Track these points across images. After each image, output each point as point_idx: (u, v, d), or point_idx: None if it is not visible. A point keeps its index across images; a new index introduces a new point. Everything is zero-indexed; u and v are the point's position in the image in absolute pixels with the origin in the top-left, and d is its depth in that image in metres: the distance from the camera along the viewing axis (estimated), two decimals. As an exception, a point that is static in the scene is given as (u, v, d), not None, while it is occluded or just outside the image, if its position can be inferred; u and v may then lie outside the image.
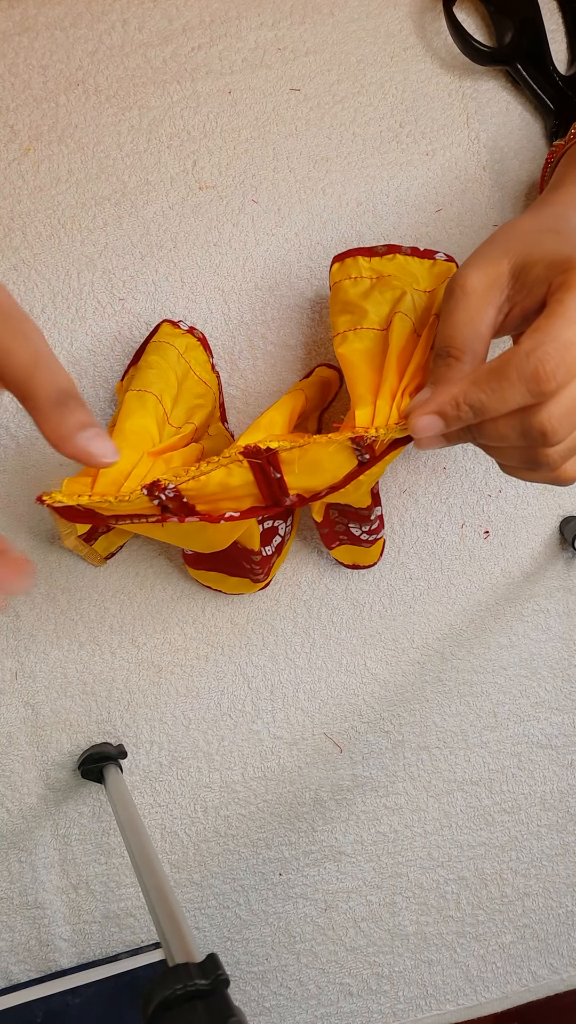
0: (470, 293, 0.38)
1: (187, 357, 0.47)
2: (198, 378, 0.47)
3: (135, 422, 0.42)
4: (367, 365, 0.42)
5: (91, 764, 0.49)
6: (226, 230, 0.51)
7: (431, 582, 0.52)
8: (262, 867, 0.53)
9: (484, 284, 0.38)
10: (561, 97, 0.51)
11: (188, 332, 0.49)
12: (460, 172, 0.52)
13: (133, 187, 0.51)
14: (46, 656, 0.51)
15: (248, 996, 0.53)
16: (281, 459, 0.37)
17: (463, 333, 0.38)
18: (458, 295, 0.38)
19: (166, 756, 0.52)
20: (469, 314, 0.38)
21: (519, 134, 0.53)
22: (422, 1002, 0.54)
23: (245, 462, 0.37)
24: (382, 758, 0.53)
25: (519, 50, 0.51)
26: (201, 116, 0.51)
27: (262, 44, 0.52)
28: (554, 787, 0.54)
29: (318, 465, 0.38)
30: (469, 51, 0.51)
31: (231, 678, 0.52)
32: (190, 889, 0.52)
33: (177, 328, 0.48)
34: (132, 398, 0.43)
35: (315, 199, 0.52)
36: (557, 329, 0.34)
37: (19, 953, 0.52)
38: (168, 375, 0.45)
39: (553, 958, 0.55)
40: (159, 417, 0.43)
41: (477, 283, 0.38)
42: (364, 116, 0.52)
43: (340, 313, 0.45)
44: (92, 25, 0.51)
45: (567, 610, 0.53)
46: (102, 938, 0.52)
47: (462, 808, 0.54)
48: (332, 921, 0.53)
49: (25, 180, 0.51)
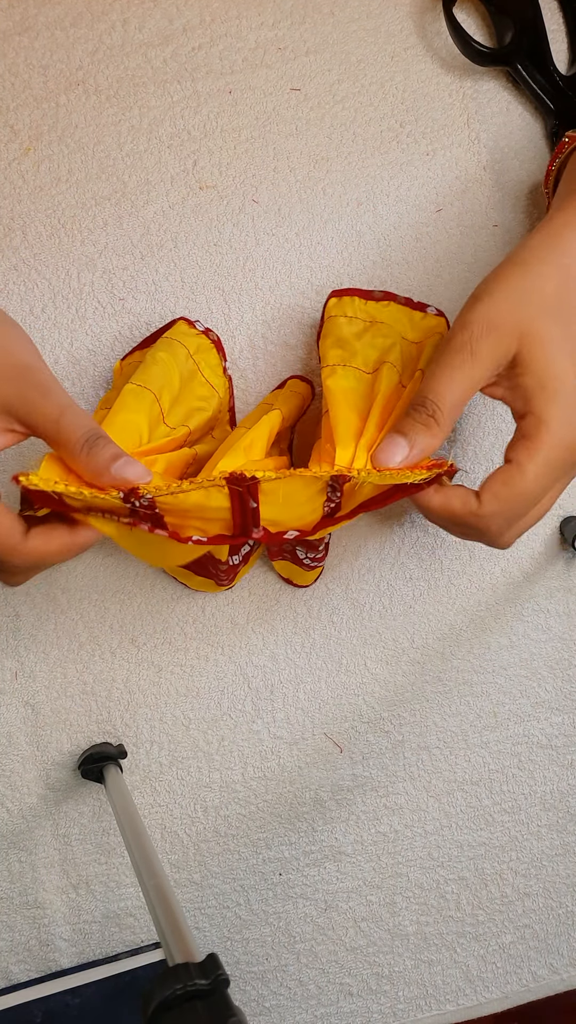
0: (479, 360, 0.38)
1: (197, 358, 0.47)
2: (205, 380, 0.47)
3: (126, 417, 0.41)
4: (350, 407, 0.43)
5: (91, 764, 0.49)
6: (226, 230, 0.51)
7: (431, 582, 0.52)
8: (262, 867, 0.53)
9: (493, 358, 0.38)
10: (561, 97, 0.51)
11: (203, 333, 0.48)
12: (460, 172, 0.52)
13: (133, 187, 0.51)
14: (46, 656, 0.51)
15: (248, 996, 0.53)
16: (261, 488, 0.37)
17: (454, 396, 0.38)
18: (466, 356, 0.38)
19: (166, 756, 0.52)
20: (471, 381, 0.38)
21: (520, 134, 0.53)
22: (422, 1002, 0.54)
23: (226, 487, 0.37)
24: (382, 758, 0.53)
25: (519, 50, 0.51)
26: (201, 116, 0.51)
27: (262, 44, 0.52)
28: (554, 787, 0.54)
29: (292, 498, 0.38)
30: (469, 52, 0.51)
31: (231, 678, 0.52)
32: (190, 889, 0.52)
33: (193, 328, 0.48)
34: (129, 392, 0.42)
35: (315, 199, 0.52)
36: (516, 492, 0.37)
37: (19, 953, 0.52)
38: (172, 374, 0.45)
39: (553, 958, 0.55)
40: (153, 416, 0.43)
41: (488, 354, 0.38)
42: (364, 116, 0.52)
43: (332, 347, 0.46)
44: (92, 25, 0.51)
45: (567, 610, 0.53)
46: (102, 938, 0.52)
47: (462, 808, 0.54)
48: (332, 921, 0.53)
49: (25, 180, 0.51)
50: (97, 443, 0.37)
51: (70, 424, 0.37)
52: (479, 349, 0.37)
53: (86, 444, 0.36)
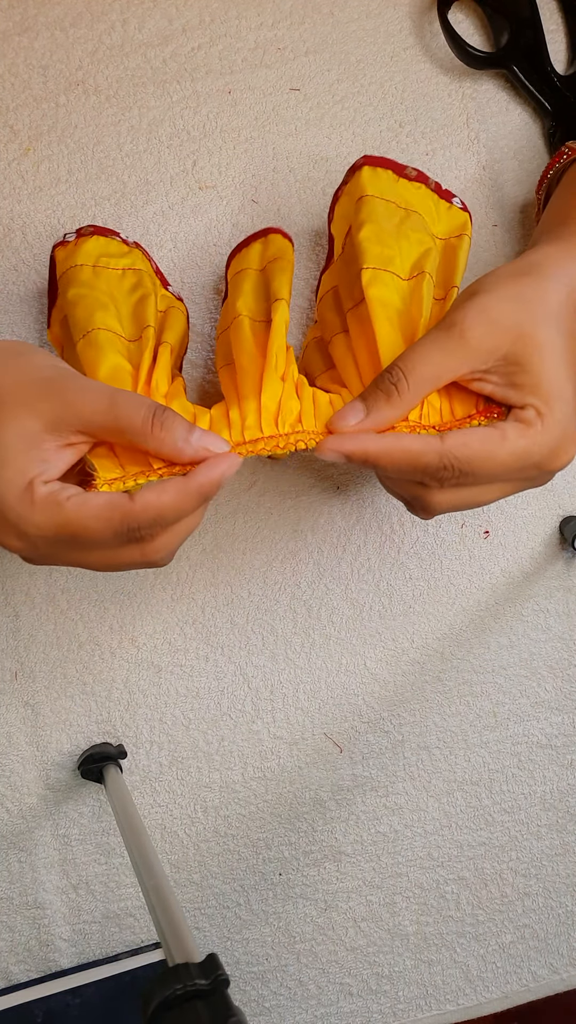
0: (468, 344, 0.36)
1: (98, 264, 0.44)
2: (120, 271, 0.44)
3: (105, 367, 0.40)
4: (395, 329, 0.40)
5: (91, 764, 0.49)
6: (226, 230, 0.51)
7: (431, 582, 0.52)
8: (262, 867, 0.53)
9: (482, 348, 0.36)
10: (559, 98, 0.51)
11: (79, 239, 0.45)
12: (460, 172, 0.52)
13: (133, 187, 0.51)
14: (46, 656, 0.51)
15: (248, 996, 0.53)
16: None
17: (425, 370, 0.36)
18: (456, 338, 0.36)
19: (166, 756, 0.52)
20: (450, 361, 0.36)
21: (519, 134, 0.53)
22: (422, 1002, 0.54)
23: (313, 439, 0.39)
24: (382, 758, 0.53)
25: (516, 52, 0.51)
26: (201, 116, 0.51)
27: (262, 44, 0.52)
28: (554, 787, 0.54)
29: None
30: (464, 56, 0.51)
31: (231, 678, 0.52)
32: (190, 889, 0.52)
33: (67, 245, 0.45)
34: (84, 347, 0.40)
35: (315, 199, 0.52)
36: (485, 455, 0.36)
37: (19, 953, 0.52)
38: (95, 298, 0.42)
39: (553, 958, 0.55)
40: (120, 347, 0.41)
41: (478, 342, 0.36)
42: (364, 116, 0.52)
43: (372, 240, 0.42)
44: (92, 25, 0.51)
45: (567, 610, 0.53)
46: (102, 938, 0.52)
47: (462, 808, 0.54)
48: (332, 921, 0.53)
49: (25, 180, 0.51)
50: (165, 418, 0.35)
51: (126, 406, 0.35)
52: (470, 334, 0.36)
53: (154, 422, 0.35)
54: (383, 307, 0.41)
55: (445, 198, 0.45)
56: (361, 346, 0.42)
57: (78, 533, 0.34)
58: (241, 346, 0.42)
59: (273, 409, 0.39)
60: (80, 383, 0.36)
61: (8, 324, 0.50)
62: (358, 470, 0.51)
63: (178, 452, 0.35)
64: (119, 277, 0.44)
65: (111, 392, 0.35)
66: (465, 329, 0.36)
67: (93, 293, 0.42)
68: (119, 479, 0.37)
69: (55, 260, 0.46)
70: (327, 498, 0.52)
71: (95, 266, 0.44)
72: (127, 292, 0.44)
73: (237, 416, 0.40)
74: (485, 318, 0.36)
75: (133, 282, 0.44)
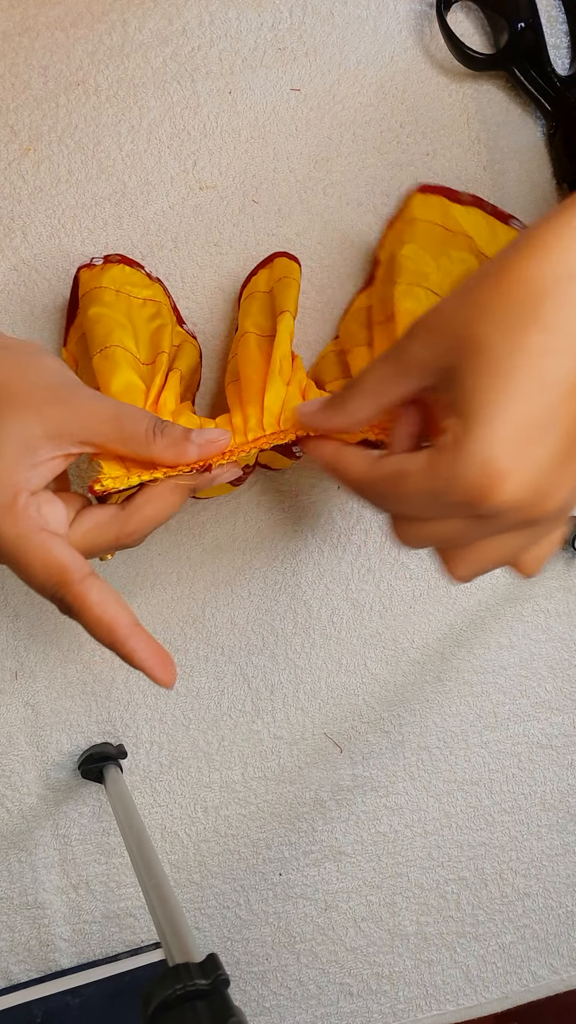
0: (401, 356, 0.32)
1: (121, 290, 0.45)
2: (142, 301, 0.45)
3: (118, 381, 0.40)
4: None
5: (91, 764, 0.49)
6: (226, 230, 0.51)
7: (431, 582, 0.52)
8: (262, 867, 0.53)
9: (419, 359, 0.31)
10: (559, 99, 0.51)
11: (105, 264, 0.46)
12: (460, 172, 0.52)
13: (133, 187, 0.51)
14: (46, 656, 0.51)
15: (248, 996, 0.53)
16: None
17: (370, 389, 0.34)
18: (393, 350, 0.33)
19: (166, 756, 0.52)
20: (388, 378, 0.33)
21: (519, 135, 0.53)
22: (422, 1002, 0.54)
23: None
24: (382, 758, 0.53)
25: (515, 53, 0.51)
26: (201, 116, 0.51)
27: (262, 44, 0.52)
28: (554, 787, 0.54)
29: None
30: (463, 58, 0.51)
31: (231, 678, 0.52)
32: (190, 889, 0.52)
33: (94, 267, 0.46)
34: (100, 361, 0.41)
35: (316, 199, 0.52)
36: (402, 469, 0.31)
37: (19, 953, 0.52)
38: (115, 319, 0.43)
39: (553, 958, 0.55)
40: (134, 366, 0.41)
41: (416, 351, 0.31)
42: (364, 116, 0.52)
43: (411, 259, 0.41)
44: (92, 25, 0.51)
45: (567, 610, 0.53)
46: (102, 938, 0.52)
47: (462, 808, 0.54)
48: (332, 921, 0.53)
49: (25, 180, 0.51)
50: (165, 427, 0.36)
51: (131, 418, 0.36)
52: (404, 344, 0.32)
53: (156, 431, 0.36)
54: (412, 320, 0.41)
55: (503, 220, 0.45)
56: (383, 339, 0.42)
57: (20, 562, 0.34)
58: (247, 358, 0.42)
59: (276, 411, 0.40)
60: (87, 392, 0.36)
61: (8, 324, 0.50)
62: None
63: (182, 455, 0.36)
64: (140, 305, 0.45)
65: (116, 404, 0.36)
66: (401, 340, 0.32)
67: (114, 314, 0.43)
68: (123, 476, 0.37)
69: (79, 280, 0.46)
70: (327, 498, 0.52)
71: (118, 291, 0.45)
72: (146, 320, 0.45)
73: (240, 420, 0.40)
74: (423, 325, 0.31)
75: (152, 312, 0.45)
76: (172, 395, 0.41)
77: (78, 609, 0.35)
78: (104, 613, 0.34)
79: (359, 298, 0.49)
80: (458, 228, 0.44)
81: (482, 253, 0.44)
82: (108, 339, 0.42)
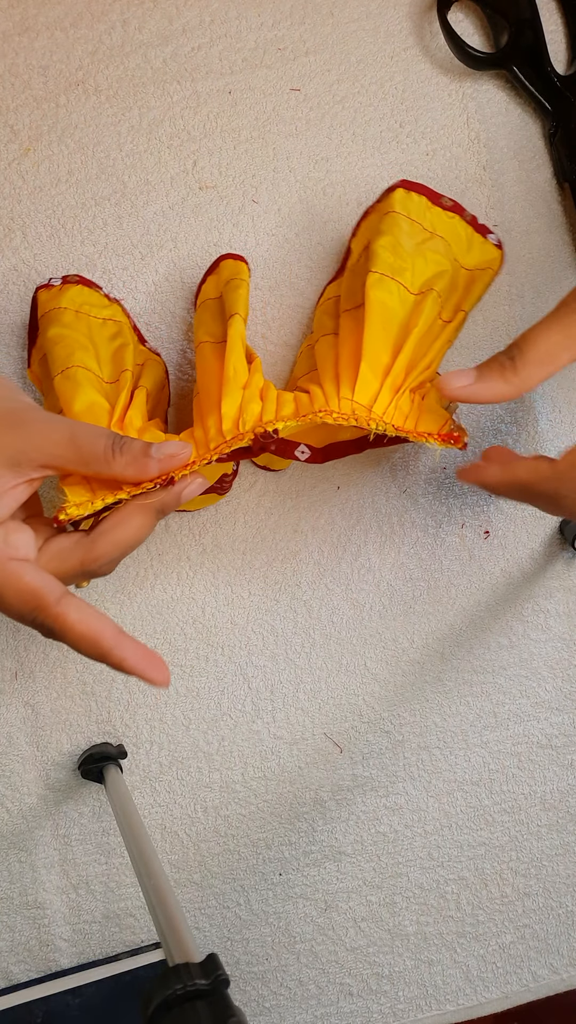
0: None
1: (81, 310, 0.45)
2: (102, 321, 0.45)
3: (81, 401, 0.40)
4: (386, 333, 0.40)
5: (91, 764, 0.49)
6: (226, 230, 0.51)
7: (431, 582, 0.52)
8: (262, 867, 0.53)
9: None
10: (559, 99, 0.51)
11: (64, 284, 0.46)
12: (460, 172, 0.52)
13: (133, 187, 0.51)
14: (46, 656, 0.51)
15: (248, 996, 0.53)
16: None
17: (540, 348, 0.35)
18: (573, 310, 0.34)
19: (166, 756, 0.52)
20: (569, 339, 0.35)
21: (519, 134, 0.53)
22: (422, 1002, 0.54)
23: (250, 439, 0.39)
24: (382, 758, 0.53)
25: (516, 52, 0.51)
26: (201, 116, 0.51)
27: (262, 44, 0.52)
28: (554, 787, 0.54)
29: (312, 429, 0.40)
30: (464, 57, 0.51)
31: (231, 678, 0.52)
32: (190, 889, 0.53)
33: (52, 287, 0.46)
34: (61, 382, 0.41)
35: (316, 199, 0.52)
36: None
37: (19, 953, 0.52)
38: (76, 339, 0.43)
39: (553, 958, 0.55)
40: (97, 385, 0.41)
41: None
42: (364, 116, 0.52)
43: (387, 250, 0.42)
44: (92, 25, 0.51)
45: (567, 610, 0.53)
46: (102, 938, 0.52)
47: (462, 808, 0.54)
48: (332, 921, 0.53)
49: (25, 180, 0.51)
50: (123, 443, 0.36)
51: (87, 437, 0.35)
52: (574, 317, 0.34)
53: (115, 449, 0.35)
54: (382, 309, 0.41)
55: (480, 232, 0.45)
56: (347, 343, 0.41)
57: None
58: (204, 368, 0.42)
59: (234, 415, 0.39)
60: (40, 415, 0.36)
61: (8, 324, 0.50)
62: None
63: (143, 472, 0.36)
64: (100, 324, 0.45)
65: (70, 424, 0.36)
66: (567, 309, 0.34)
67: (74, 334, 0.43)
68: (87, 501, 0.37)
69: (37, 300, 0.46)
70: (327, 498, 0.52)
71: (77, 311, 0.45)
72: (107, 339, 0.45)
73: (201, 433, 0.40)
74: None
75: (113, 331, 0.45)
76: (138, 413, 0.41)
77: (60, 630, 0.34)
78: (87, 629, 0.34)
79: (329, 288, 0.48)
80: (436, 231, 0.44)
81: (456, 261, 0.44)
82: (69, 360, 0.41)
